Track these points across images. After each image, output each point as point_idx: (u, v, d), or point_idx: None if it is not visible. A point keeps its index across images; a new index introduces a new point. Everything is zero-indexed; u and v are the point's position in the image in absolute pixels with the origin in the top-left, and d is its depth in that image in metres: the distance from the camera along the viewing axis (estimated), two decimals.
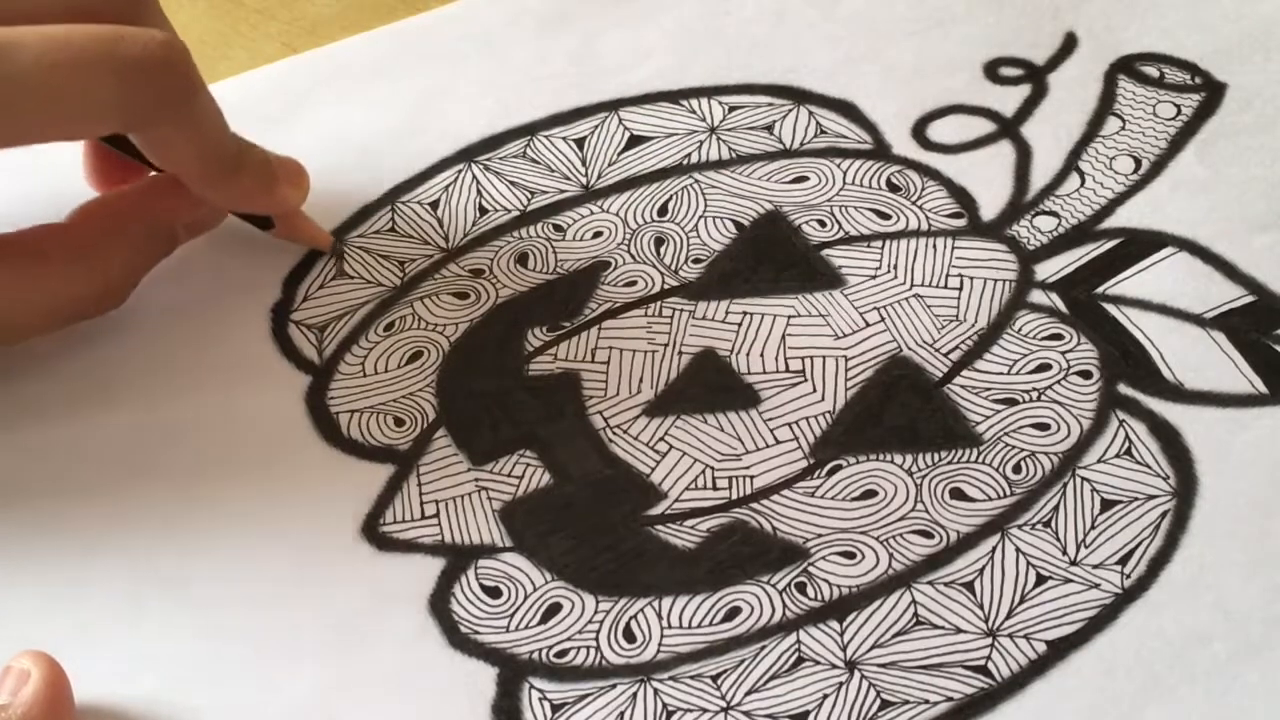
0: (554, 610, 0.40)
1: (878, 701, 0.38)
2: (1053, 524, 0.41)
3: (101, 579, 0.40)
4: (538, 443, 0.43)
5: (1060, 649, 0.39)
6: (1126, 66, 0.52)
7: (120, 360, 0.45)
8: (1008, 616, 0.39)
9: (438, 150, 0.50)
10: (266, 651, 0.39)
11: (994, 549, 0.40)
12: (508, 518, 0.41)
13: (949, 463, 0.42)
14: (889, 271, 0.46)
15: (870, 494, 0.42)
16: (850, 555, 0.40)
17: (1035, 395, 0.43)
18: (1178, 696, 0.38)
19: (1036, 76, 0.52)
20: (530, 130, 0.50)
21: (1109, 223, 0.48)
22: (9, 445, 0.43)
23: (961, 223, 0.48)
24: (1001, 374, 0.44)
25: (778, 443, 0.43)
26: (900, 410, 0.43)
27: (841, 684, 0.38)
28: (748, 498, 0.42)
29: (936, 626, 0.39)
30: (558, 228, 0.48)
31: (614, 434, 0.43)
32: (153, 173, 0.45)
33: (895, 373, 0.44)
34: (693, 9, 0.54)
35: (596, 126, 0.51)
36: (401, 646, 0.39)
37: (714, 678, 0.38)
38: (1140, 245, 0.47)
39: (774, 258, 0.47)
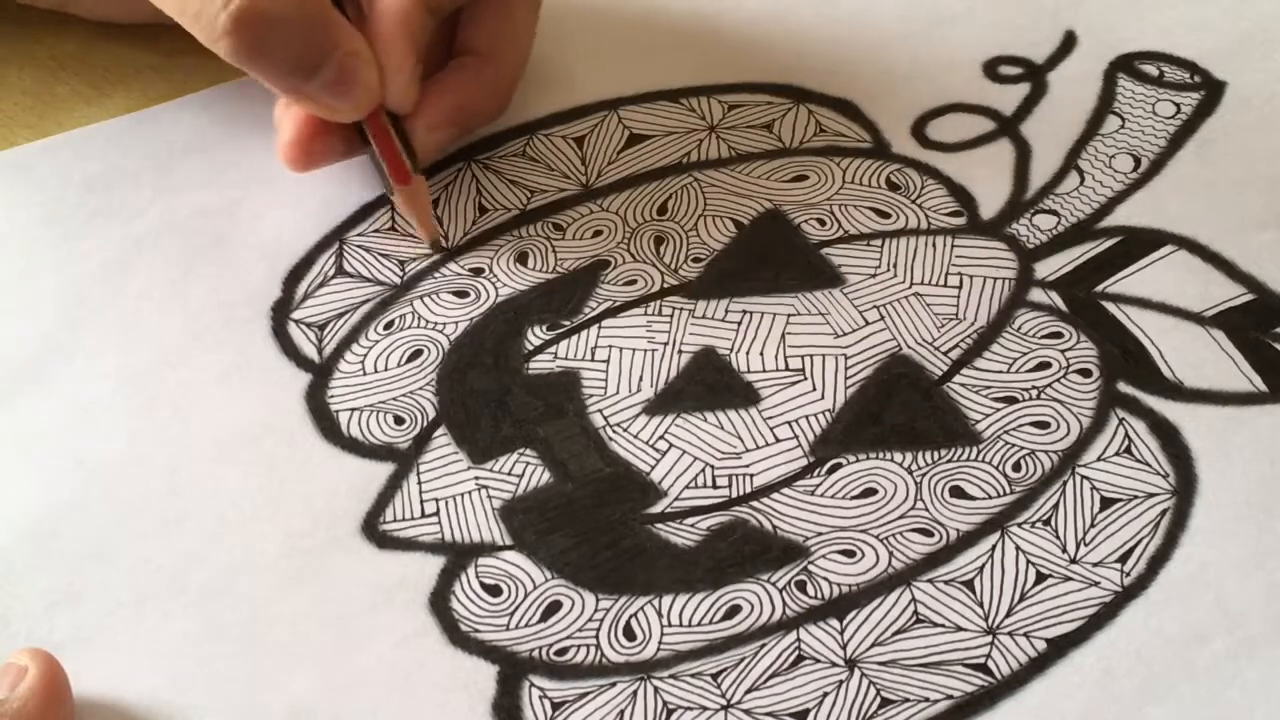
0: (554, 608, 0.40)
1: (878, 699, 0.38)
2: (1052, 522, 0.41)
3: (101, 578, 0.40)
4: (537, 441, 0.43)
5: (1060, 647, 0.39)
6: (1126, 65, 0.52)
7: (120, 359, 0.45)
8: (1008, 614, 0.39)
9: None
10: (266, 650, 0.39)
11: (994, 547, 0.40)
12: (508, 516, 0.41)
13: (949, 461, 0.42)
14: (889, 270, 0.46)
15: (870, 492, 0.42)
16: (850, 553, 0.40)
17: (1035, 393, 0.43)
18: (1177, 694, 0.38)
19: (1036, 75, 0.52)
20: (530, 129, 0.51)
21: (1108, 221, 0.48)
22: (9, 445, 0.43)
23: (961, 221, 0.48)
24: (1001, 372, 0.44)
25: (778, 441, 0.43)
26: (900, 409, 0.43)
27: (841, 682, 0.38)
28: (748, 496, 0.42)
29: (936, 625, 0.39)
30: (557, 226, 0.48)
31: (614, 432, 0.43)
32: None
33: (895, 371, 0.44)
34: (693, 8, 0.54)
35: (596, 125, 0.51)
36: (402, 644, 0.39)
37: (714, 676, 0.38)
38: (1140, 243, 0.47)
39: (773, 256, 0.47)
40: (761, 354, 0.44)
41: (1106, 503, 0.41)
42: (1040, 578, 0.40)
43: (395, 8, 0.45)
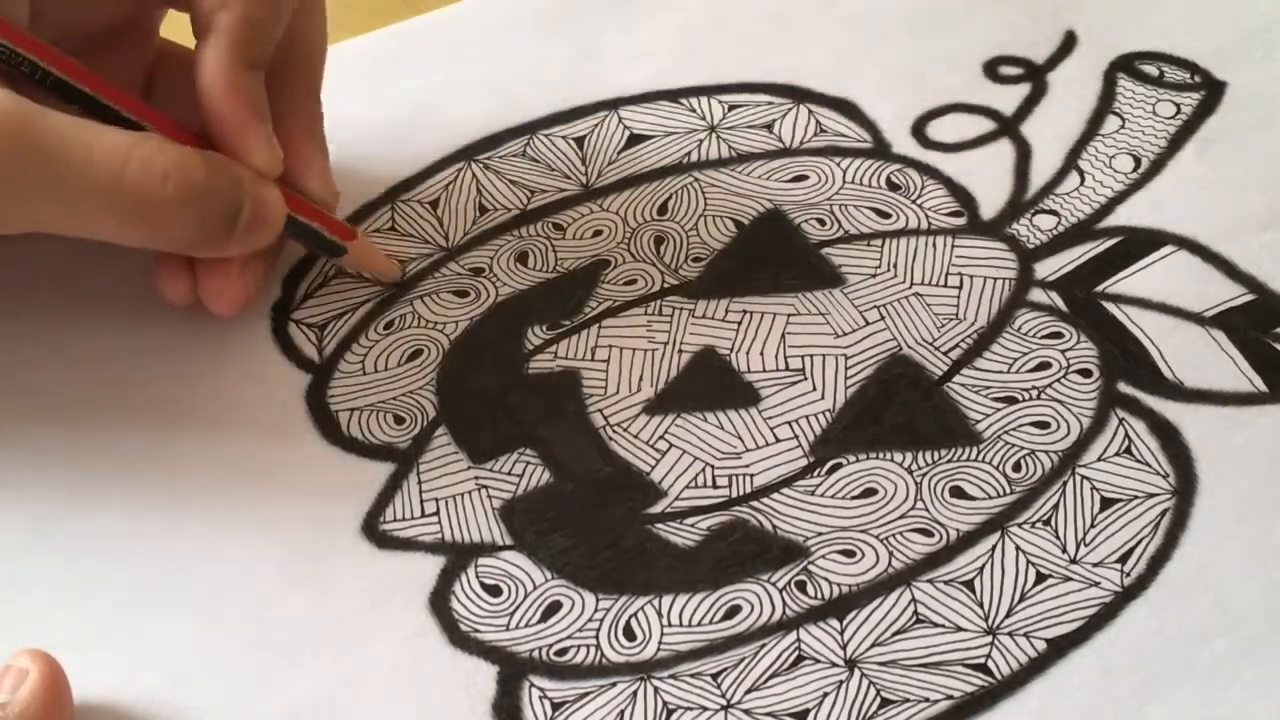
0: (554, 608, 0.40)
1: (878, 700, 0.38)
2: (1053, 522, 0.41)
3: (102, 578, 0.40)
4: (538, 441, 0.43)
5: (1060, 647, 0.39)
6: (1126, 65, 0.52)
7: (120, 359, 0.45)
8: (1008, 615, 0.39)
9: (438, 149, 0.50)
10: (266, 650, 0.39)
11: (994, 547, 0.40)
12: (508, 516, 0.41)
13: (949, 461, 0.42)
14: (889, 270, 0.46)
15: (870, 492, 0.42)
16: (850, 553, 0.40)
17: (1035, 393, 0.43)
18: (1177, 695, 0.38)
19: (1036, 75, 0.52)
20: (530, 129, 0.51)
21: (1109, 221, 0.48)
22: (9, 445, 0.43)
23: (961, 221, 0.48)
24: (1001, 372, 0.44)
25: (778, 441, 0.43)
26: (900, 409, 0.43)
27: (841, 682, 0.38)
28: (748, 496, 0.42)
29: (936, 625, 0.39)
30: (557, 226, 0.48)
31: (614, 432, 0.43)
32: None
33: (895, 371, 0.44)
34: (693, 8, 0.54)
35: (596, 125, 0.51)
36: (402, 644, 0.39)
37: (714, 676, 0.38)
38: (1140, 244, 0.47)
39: (774, 256, 0.47)
40: (761, 354, 0.44)
41: (1106, 503, 0.41)
42: (1040, 578, 0.40)
43: (221, 87, 0.42)
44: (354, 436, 0.43)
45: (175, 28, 0.46)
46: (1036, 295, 0.46)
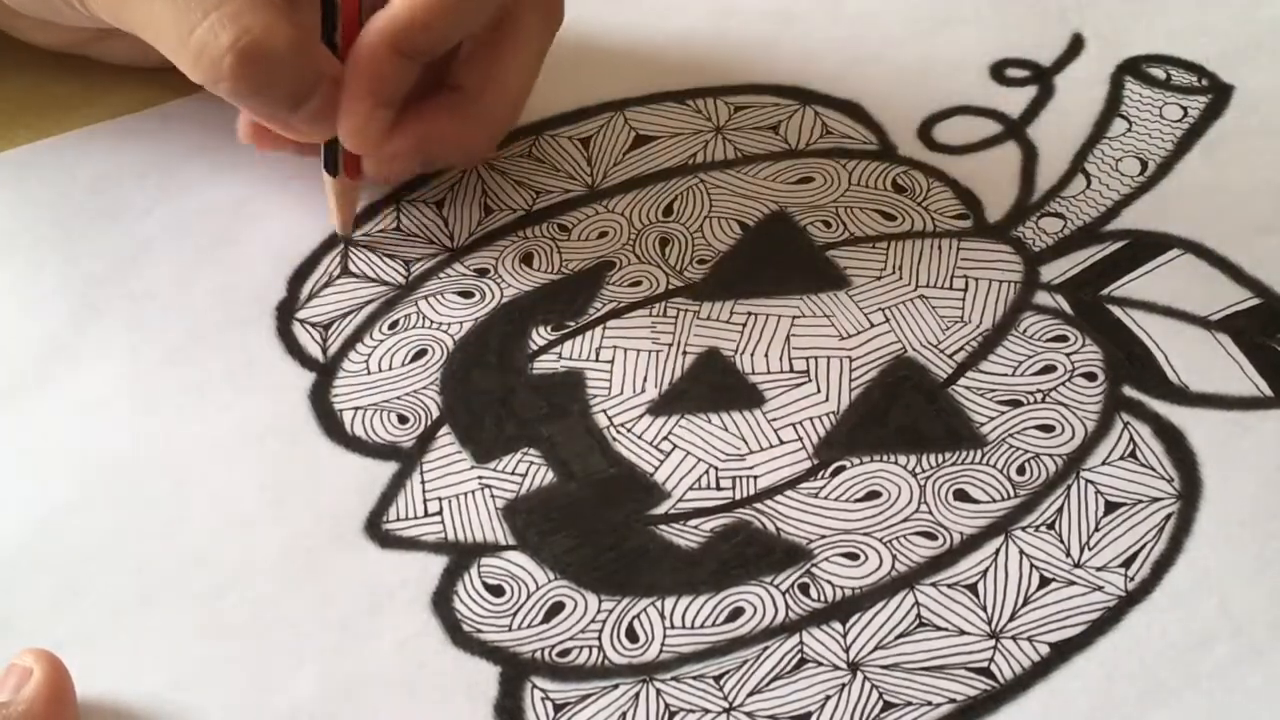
0: (557, 609, 0.40)
1: (880, 703, 0.38)
2: (1056, 526, 0.41)
3: (105, 577, 0.40)
4: (541, 441, 0.43)
5: (1063, 651, 0.38)
6: (1133, 68, 0.52)
7: (125, 359, 0.45)
8: (1011, 618, 0.39)
9: None
10: (268, 650, 0.39)
11: (997, 551, 0.40)
12: (511, 516, 0.41)
13: (953, 464, 0.42)
14: (894, 272, 0.46)
15: (874, 495, 0.41)
16: (853, 556, 0.40)
17: (1040, 397, 0.43)
18: (1180, 700, 0.38)
19: (1043, 78, 0.52)
20: (536, 129, 0.50)
21: (1115, 224, 0.48)
22: (10, 445, 0.43)
23: (967, 224, 0.48)
24: (1006, 375, 0.44)
25: (782, 443, 0.43)
26: (904, 411, 0.43)
27: (844, 685, 0.38)
28: (751, 498, 0.42)
29: (939, 628, 0.39)
30: (563, 227, 0.48)
31: (618, 433, 0.43)
32: None
33: (900, 374, 0.44)
34: (699, 9, 0.54)
35: (602, 126, 0.51)
36: (404, 644, 0.39)
37: (716, 678, 0.38)
38: (1146, 247, 0.47)
39: (779, 258, 0.47)
40: (766, 356, 0.44)
41: (1111, 507, 0.41)
42: (1044, 582, 0.40)
43: (362, 51, 0.43)
44: (358, 436, 0.43)
45: None
46: (1042, 298, 0.46)
